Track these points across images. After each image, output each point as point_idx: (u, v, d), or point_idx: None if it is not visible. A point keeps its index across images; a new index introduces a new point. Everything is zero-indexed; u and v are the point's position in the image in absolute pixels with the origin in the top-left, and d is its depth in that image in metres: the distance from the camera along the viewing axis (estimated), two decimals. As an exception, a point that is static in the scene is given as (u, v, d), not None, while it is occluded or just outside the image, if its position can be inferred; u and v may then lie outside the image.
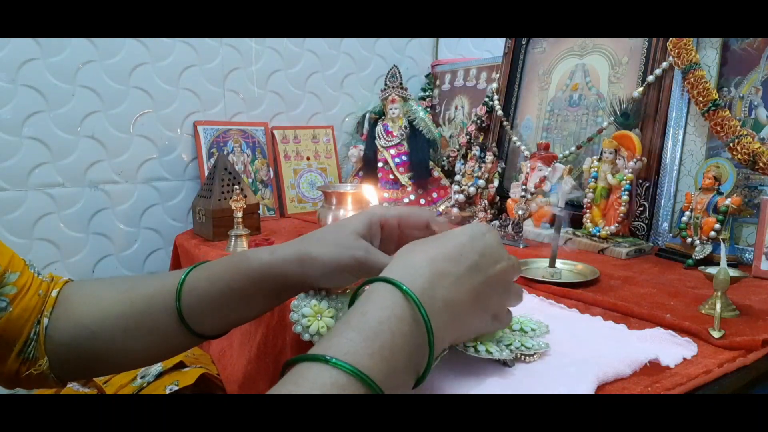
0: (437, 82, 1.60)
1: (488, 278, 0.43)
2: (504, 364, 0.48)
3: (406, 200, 1.27)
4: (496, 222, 1.04)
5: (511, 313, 0.49)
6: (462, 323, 0.43)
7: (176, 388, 0.87)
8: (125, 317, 0.51)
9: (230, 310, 0.50)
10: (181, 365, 0.93)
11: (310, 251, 0.48)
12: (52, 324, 0.51)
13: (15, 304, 0.50)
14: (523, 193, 1.07)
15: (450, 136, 1.50)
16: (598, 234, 0.95)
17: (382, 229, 0.51)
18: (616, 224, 0.94)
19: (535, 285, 0.73)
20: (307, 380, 0.33)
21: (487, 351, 0.46)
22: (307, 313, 0.48)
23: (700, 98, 0.90)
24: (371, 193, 0.72)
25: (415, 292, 0.38)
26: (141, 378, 0.91)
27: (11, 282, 0.50)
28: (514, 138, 1.23)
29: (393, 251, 0.46)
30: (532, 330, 0.53)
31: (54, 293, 0.53)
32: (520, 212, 1.04)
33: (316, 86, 1.50)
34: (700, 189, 0.86)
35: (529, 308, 0.61)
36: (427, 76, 1.65)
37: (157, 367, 0.92)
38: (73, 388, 0.92)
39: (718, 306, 0.57)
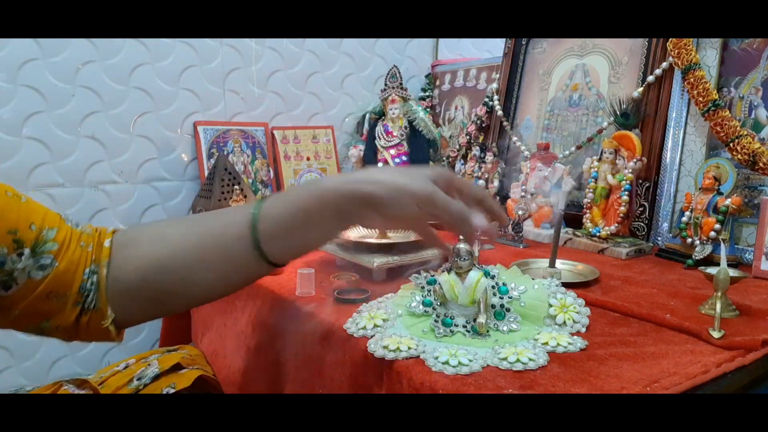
0: (437, 82, 1.60)
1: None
2: None
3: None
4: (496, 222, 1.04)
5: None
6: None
7: (173, 390, 0.87)
8: (197, 249, 0.53)
9: (303, 233, 0.53)
10: (177, 367, 0.93)
11: (382, 176, 0.52)
12: (113, 271, 0.53)
13: (60, 258, 0.51)
14: (523, 194, 1.07)
15: (450, 136, 1.50)
16: (598, 234, 0.95)
17: (445, 186, 0.54)
18: (616, 224, 0.94)
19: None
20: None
21: (519, 362, 0.49)
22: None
23: (700, 98, 0.90)
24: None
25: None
26: (138, 380, 0.90)
27: (51, 239, 0.51)
28: (514, 138, 1.23)
29: None
30: (574, 322, 0.57)
31: (107, 243, 0.54)
32: (520, 212, 1.04)
33: (316, 86, 1.49)
34: (700, 189, 0.86)
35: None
36: (427, 76, 1.65)
37: (153, 369, 0.91)
38: (69, 389, 0.92)
39: (718, 306, 0.57)
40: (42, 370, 1.16)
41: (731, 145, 0.86)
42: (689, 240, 0.85)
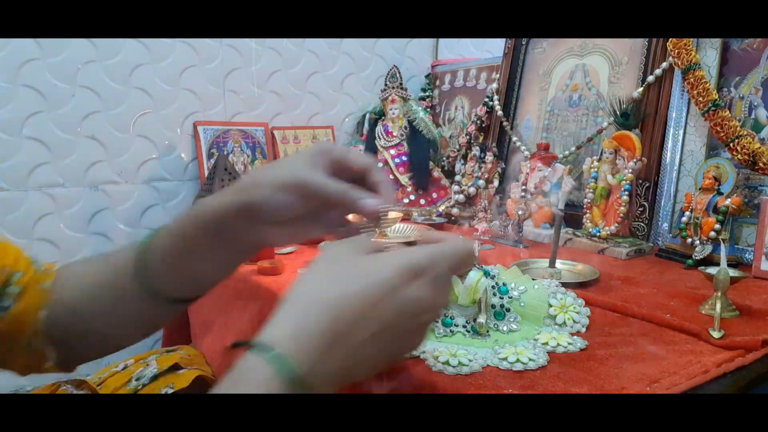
0: (437, 83, 1.60)
1: (400, 337, 0.37)
2: None
3: (406, 200, 1.27)
4: (496, 222, 1.04)
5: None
6: (358, 375, 0.37)
7: (171, 390, 0.87)
8: (96, 286, 0.51)
9: (188, 264, 0.48)
10: (176, 367, 0.93)
11: (250, 178, 0.46)
12: (49, 314, 0.51)
13: (19, 302, 0.50)
14: (523, 194, 1.07)
15: (450, 136, 1.50)
16: (598, 234, 0.95)
17: (326, 163, 0.46)
18: (616, 224, 0.94)
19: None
20: None
21: (519, 362, 0.49)
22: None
23: (700, 98, 0.90)
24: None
25: (302, 367, 0.32)
26: (136, 381, 0.90)
27: (15, 281, 0.51)
28: (514, 138, 1.23)
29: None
30: (574, 322, 0.57)
31: (47, 285, 0.52)
32: (520, 212, 1.04)
33: (316, 86, 1.49)
34: (700, 189, 0.86)
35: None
36: (427, 77, 1.65)
37: (152, 369, 0.91)
38: (67, 390, 0.91)
39: (718, 306, 0.57)
40: (42, 370, 1.16)
41: (731, 145, 0.86)
42: (689, 240, 0.85)
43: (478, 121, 1.32)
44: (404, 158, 1.29)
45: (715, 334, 0.54)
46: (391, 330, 0.36)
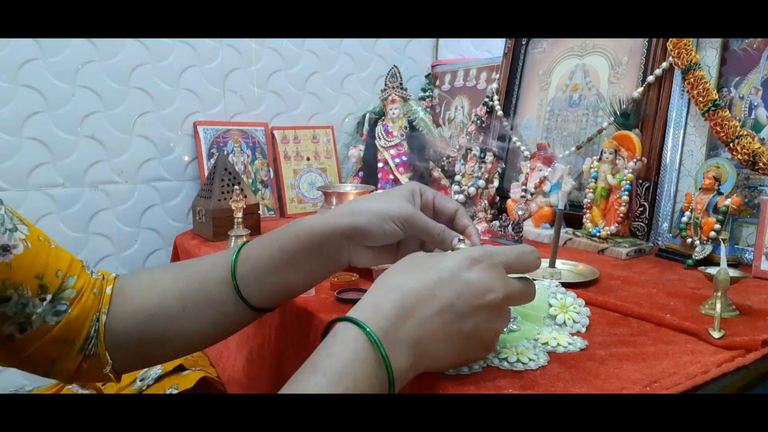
0: (437, 83, 1.60)
1: (464, 317, 0.42)
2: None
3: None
4: (496, 222, 1.04)
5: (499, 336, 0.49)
6: (434, 358, 0.43)
7: (176, 391, 0.87)
8: (183, 296, 0.53)
9: (283, 275, 0.52)
10: (180, 368, 0.93)
11: (358, 205, 0.52)
12: (110, 319, 0.53)
13: (74, 305, 0.51)
14: (523, 194, 1.07)
15: (450, 136, 1.50)
16: (598, 234, 0.95)
17: (421, 201, 0.55)
18: (616, 224, 0.94)
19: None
20: None
21: (519, 361, 0.49)
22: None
23: (700, 98, 0.90)
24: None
25: (378, 334, 0.39)
26: (140, 381, 0.91)
27: (70, 286, 0.51)
28: (514, 138, 1.23)
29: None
30: (574, 322, 0.57)
31: (108, 290, 0.54)
32: (520, 212, 1.04)
33: (316, 86, 1.50)
34: (700, 189, 0.86)
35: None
36: (427, 77, 1.65)
37: (156, 370, 0.91)
38: (72, 389, 0.92)
39: (718, 306, 0.57)
40: (42, 370, 1.16)
41: (731, 145, 0.86)
42: (689, 240, 0.85)
43: (478, 121, 1.32)
44: (404, 158, 1.29)
45: (715, 334, 0.54)
46: (454, 309, 0.42)
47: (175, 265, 0.58)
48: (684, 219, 0.86)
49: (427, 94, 1.61)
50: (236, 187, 1.01)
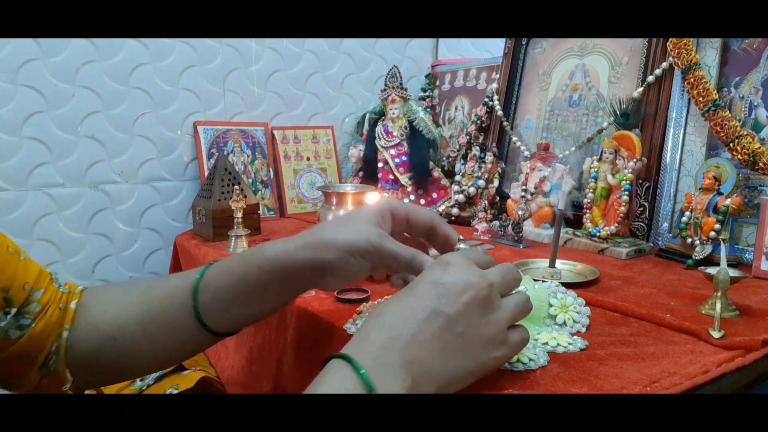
0: (437, 83, 1.60)
1: (453, 320, 0.41)
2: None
3: (406, 200, 1.27)
4: (496, 222, 1.04)
5: (524, 329, 0.47)
6: (442, 374, 0.41)
7: (176, 391, 0.87)
8: (143, 319, 0.52)
9: (246, 305, 0.51)
10: (180, 368, 0.93)
11: (323, 236, 0.49)
12: (72, 336, 0.52)
13: (38, 320, 0.50)
14: (523, 194, 1.07)
15: (450, 136, 1.50)
16: (598, 234, 0.95)
17: (392, 221, 0.53)
18: (616, 224, 0.94)
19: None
20: None
21: (519, 361, 0.49)
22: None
23: (700, 98, 0.90)
24: (375, 198, 0.72)
25: (364, 363, 0.38)
26: (140, 381, 0.91)
27: (36, 299, 0.50)
28: (514, 138, 1.23)
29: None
30: (574, 322, 0.57)
31: (73, 305, 0.53)
32: (520, 212, 1.04)
33: (316, 86, 1.50)
34: (700, 189, 0.86)
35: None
36: (427, 77, 1.65)
37: (156, 369, 0.91)
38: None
39: (718, 306, 0.57)
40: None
41: (731, 145, 0.86)
42: (689, 240, 0.85)
43: (478, 121, 1.32)
44: (404, 158, 1.29)
45: (715, 334, 0.54)
46: (440, 314, 0.41)
47: (140, 285, 0.56)
48: (684, 219, 0.86)
49: (427, 94, 1.61)
50: (236, 187, 1.01)
